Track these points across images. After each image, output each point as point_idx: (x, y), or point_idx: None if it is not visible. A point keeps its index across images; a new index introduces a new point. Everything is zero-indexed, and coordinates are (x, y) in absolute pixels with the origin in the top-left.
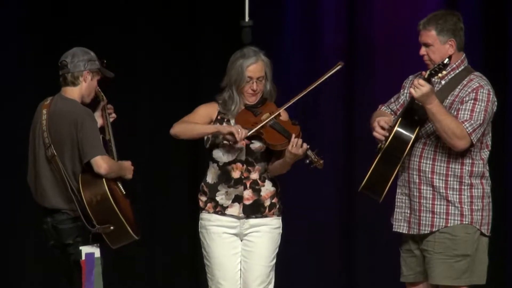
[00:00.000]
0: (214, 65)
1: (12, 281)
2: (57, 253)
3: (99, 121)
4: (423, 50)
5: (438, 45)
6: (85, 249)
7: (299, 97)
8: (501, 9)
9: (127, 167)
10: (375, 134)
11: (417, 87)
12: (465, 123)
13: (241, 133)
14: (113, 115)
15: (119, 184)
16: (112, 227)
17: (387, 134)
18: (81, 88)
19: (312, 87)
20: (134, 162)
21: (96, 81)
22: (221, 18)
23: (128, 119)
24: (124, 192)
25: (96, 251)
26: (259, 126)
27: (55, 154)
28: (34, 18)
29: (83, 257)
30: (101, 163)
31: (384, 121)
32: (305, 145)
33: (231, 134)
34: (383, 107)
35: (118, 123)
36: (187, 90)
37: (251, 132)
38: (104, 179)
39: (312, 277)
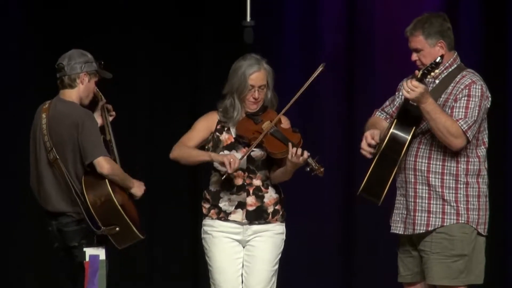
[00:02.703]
0: (215, 65)
1: (12, 281)
2: (62, 255)
3: (99, 122)
4: (414, 56)
5: (428, 48)
6: (89, 251)
7: (291, 103)
8: (501, 9)
9: (135, 181)
10: (361, 151)
11: (411, 89)
12: (460, 121)
13: (232, 163)
14: (113, 113)
15: None
16: (117, 228)
17: (373, 151)
18: (78, 90)
19: (302, 91)
20: (133, 163)
21: (94, 82)
22: (221, 18)
23: (128, 119)
24: (129, 193)
25: (101, 253)
26: (253, 145)
27: (57, 157)
28: (35, 19)
29: (87, 259)
30: (104, 164)
31: (372, 137)
32: (306, 153)
33: (223, 164)
34: (377, 113)
35: (118, 124)
36: (187, 90)
37: (242, 157)
38: (107, 180)
39: (312, 278)
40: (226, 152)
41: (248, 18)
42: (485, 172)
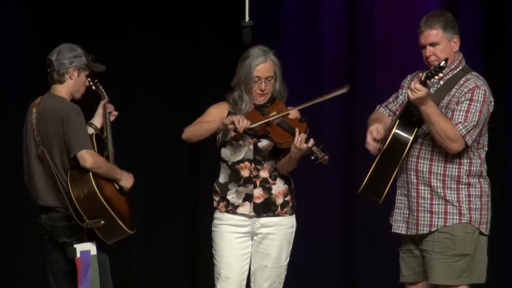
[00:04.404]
0: (214, 65)
1: (12, 283)
2: (49, 246)
3: (99, 120)
4: (429, 51)
5: (445, 42)
6: (79, 247)
7: (305, 106)
8: (501, 9)
9: (123, 173)
10: (367, 146)
11: (413, 91)
12: (459, 125)
13: (241, 122)
14: (114, 112)
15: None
16: (102, 222)
17: (380, 146)
18: (68, 85)
19: (319, 101)
20: (134, 162)
21: (84, 76)
22: (221, 18)
23: (128, 119)
24: (118, 188)
25: (92, 249)
26: (263, 121)
27: (45, 151)
28: (35, 19)
29: (78, 255)
30: (86, 157)
31: (377, 132)
32: (311, 141)
33: (233, 123)
34: (381, 108)
35: (117, 123)
36: (187, 90)
37: (254, 125)
38: (91, 174)
39: (312, 277)
40: (234, 142)
41: (247, 18)
42: (486, 173)
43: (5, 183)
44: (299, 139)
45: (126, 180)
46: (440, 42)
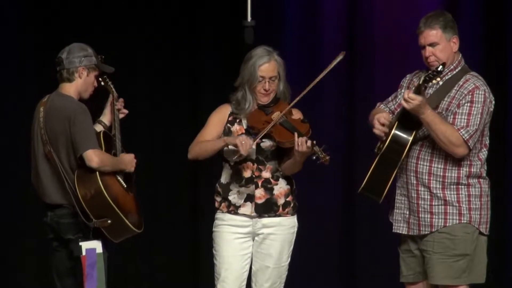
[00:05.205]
0: (215, 65)
1: (12, 280)
2: (55, 245)
3: (108, 116)
4: (428, 51)
5: (444, 42)
6: (85, 245)
7: (305, 92)
8: (501, 9)
9: (126, 161)
10: (375, 131)
11: (408, 101)
12: (461, 130)
13: (244, 145)
14: (124, 110)
15: (119, 178)
16: (109, 221)
17: (387, 130)
18: (77, 84)
19: (318, 80)
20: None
21: (93, 76)
22: (222, 18)
23: (128, 119)
24: (126, 186)
25: (97, 247)
26: (261, 133)
27: (52, 150)
28: (34, 18)
29: (84, 253)
30: (93, 157)
31: (384, 118)
32: (309, 142)
33: (236, 145)
34: (381, 105)
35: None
36: (187, 89)
37: (255, 141)
38: (98, 173)
39: (312, 277)
40: None
41: (249, 18)
42: (485, 173)
43: (4, 183)
44: (299, 142)
45: (130, 165)
46: (439, 43)
